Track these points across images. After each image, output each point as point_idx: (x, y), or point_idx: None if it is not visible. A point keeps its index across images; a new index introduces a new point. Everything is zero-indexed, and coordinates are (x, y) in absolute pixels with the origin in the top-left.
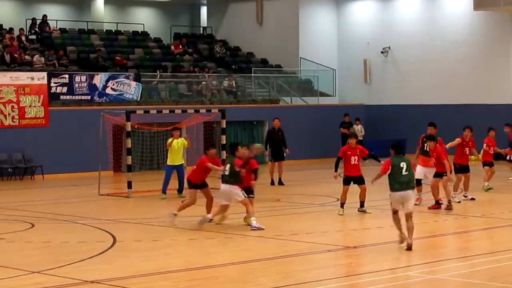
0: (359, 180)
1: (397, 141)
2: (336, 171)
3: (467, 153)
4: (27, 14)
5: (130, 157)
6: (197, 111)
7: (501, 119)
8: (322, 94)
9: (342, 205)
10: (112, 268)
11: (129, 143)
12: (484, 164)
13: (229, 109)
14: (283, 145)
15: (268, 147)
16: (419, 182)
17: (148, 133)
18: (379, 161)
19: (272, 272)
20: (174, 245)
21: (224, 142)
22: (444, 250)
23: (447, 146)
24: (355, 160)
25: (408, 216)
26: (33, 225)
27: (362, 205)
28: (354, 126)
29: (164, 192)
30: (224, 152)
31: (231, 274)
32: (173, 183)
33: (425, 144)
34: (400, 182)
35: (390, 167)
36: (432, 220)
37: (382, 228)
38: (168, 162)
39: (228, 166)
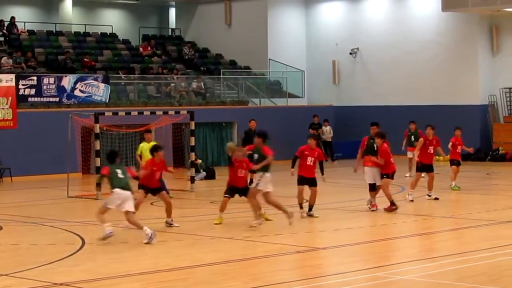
0: (312, 182)
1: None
2: (292, 167)
3: (431, 152)
4: None
5: (98, 159)
6: (166, 112)
7: (470, 119)
8: (291, 96)
9: (300, 206)
10: (81, 271)
11: (97, 145)
12: (452, 163)
13: (198, 111)
14: None
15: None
16: (373, 186)
17: (117, 134)
18: (323, 174)
19: (241, 274)
20: (142, 247)
21: (193, 144)
22: (413, 251)
23: (416, 150)
24: (311, 161)
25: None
26: (1, 228)
27: (310, 209)
28: (323, 127)
29: None
30: (193, 154)
31: (200, 275)
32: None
33: (375, 144)
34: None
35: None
36: (401, 221)
37: (351, 229)
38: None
39: (120, 171)
